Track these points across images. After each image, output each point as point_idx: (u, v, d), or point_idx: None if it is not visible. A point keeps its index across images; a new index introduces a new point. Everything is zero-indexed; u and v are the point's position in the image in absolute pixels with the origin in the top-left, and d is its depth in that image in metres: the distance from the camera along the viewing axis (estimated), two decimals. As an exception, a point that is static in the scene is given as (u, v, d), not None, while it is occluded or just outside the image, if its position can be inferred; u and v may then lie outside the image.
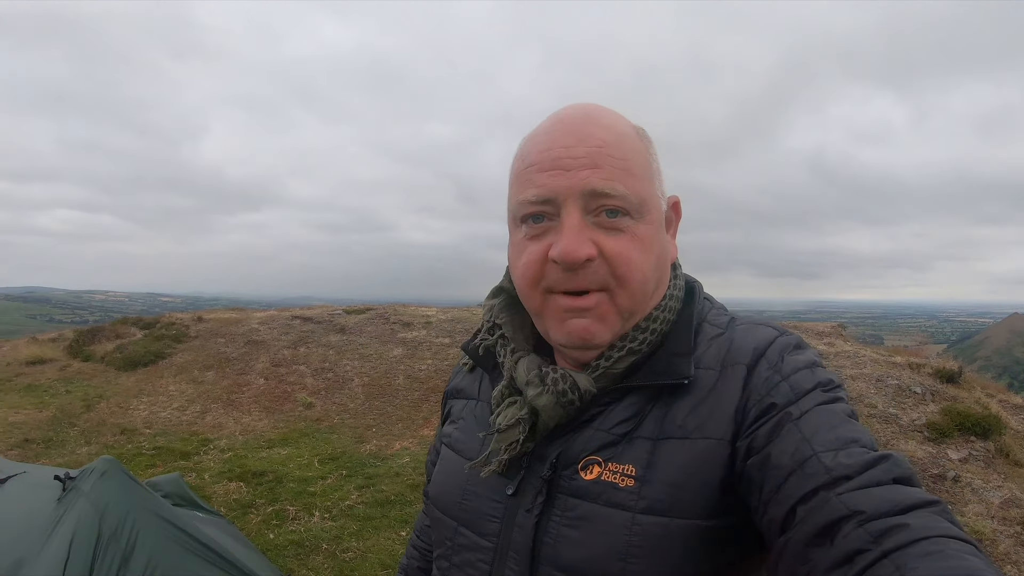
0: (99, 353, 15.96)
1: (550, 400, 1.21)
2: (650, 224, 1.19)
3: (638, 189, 1.17)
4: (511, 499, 1.23)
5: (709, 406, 1.14)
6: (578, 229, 1.14)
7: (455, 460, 1.38)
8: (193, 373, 13.83)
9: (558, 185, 1.15)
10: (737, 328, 1.25)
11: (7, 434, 10.29)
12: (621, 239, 1.16)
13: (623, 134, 1.20)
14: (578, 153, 1.15)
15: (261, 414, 11.55)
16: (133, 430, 10.65)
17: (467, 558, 1.27)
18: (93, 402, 12.24)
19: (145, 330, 17.45)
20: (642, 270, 1.18)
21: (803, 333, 11.64)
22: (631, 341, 1.21)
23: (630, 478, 1.13)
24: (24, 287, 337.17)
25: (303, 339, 15.51)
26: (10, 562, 2.93)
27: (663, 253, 1.24)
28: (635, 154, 1.19)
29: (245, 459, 8.98)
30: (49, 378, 14.35)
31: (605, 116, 1.21)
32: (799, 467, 1.00)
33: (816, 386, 1.11)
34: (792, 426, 1.05)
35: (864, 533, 0.89)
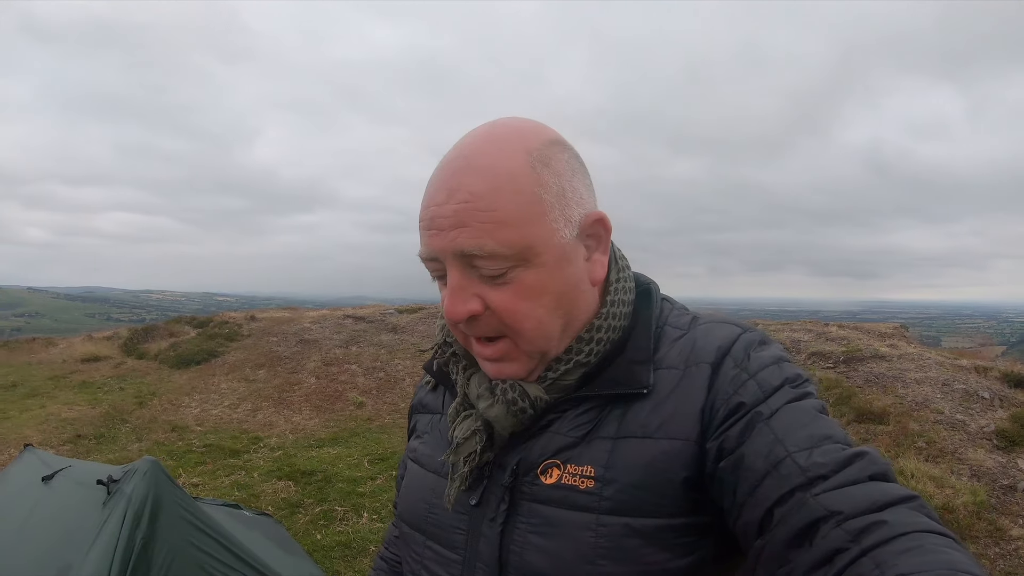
0: (153, 351, 16.16)
1: (500, 410, 1.18)
2: (540, 267, 1.12)
3: (513, 239, 1.08)
4: (475, 509, 1.21)
5: (672, 405, 1.12)
6: (458, 289, 1.12)
7: (421, 474, 1.37)
8: (245, 371, 13.91)
9: (436, 245, 1.11)
10: (699, 327, 1.22)
11: (60, 429, 10.38)
12: (505, 291, 1.11)
13: (498, 177, 1.09)
14: (447, 212, 1.10)
15: (312, 413, 11.54)
16: (184, 427, 10.69)
17: (436, 572, 1.25)
18: (145, 399, 12.33)
19: (198, 329, 17.63)
20: (533, 317, 1.13)
21: (864, 335, 11.43)
22: (577, 354, 1.19)
23: (590, 479, 1.11)
24: (83, 287, 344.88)
25: (355, 338, 15.53)
26: (58, 567, 2.90)
27: (567, 288, 1.16)
28: (510, 199, 1.09)
29: (294, 458, 8.94)
30: (103, 375, 14.55)
31: (483, 157, 1.11)
32: (773, 468, 0.98)
33: (784, 382, 1.09)
34: (763, 426, 1.03)
35: (843, 532, 0.88)
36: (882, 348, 10.15)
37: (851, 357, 9.84)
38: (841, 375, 9.26)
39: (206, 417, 11.33)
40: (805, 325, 12.30)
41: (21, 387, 13.51)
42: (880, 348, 10.14)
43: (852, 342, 10.57)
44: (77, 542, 2.96)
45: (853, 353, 9.95)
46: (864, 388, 8.69)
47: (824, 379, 9.06)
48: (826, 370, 9.56)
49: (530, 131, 1.15)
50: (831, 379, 9.05)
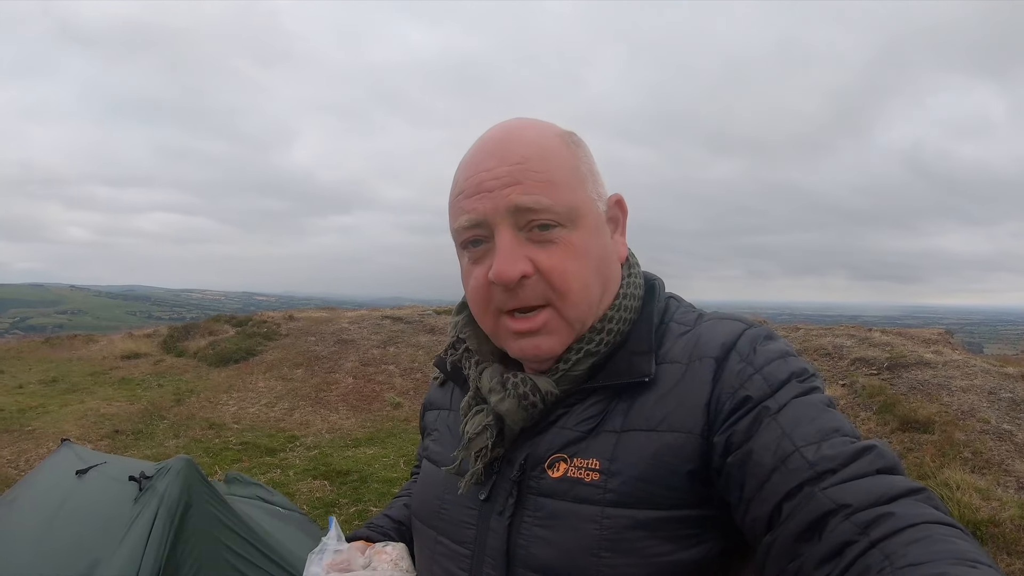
0: (192, 349, 16.35)
1: (512, 404, 1.22)
2: (584, 230, 1.20)
3: (564, 198, 1.17)
4: (484, 504, 1.24)
5: (675, 399, 1.14)
6: (510, 248, 1.16)
7: (434, 472, 1.40)
8: (283, 370, 13.99)
9: (485, 208, 1.17)
10: (704, 323, 1.25)
11: (98, 425, 10.50)
12: (555, 252, 1.17)
13: (544, 146, 1.21)
14: (499, 173, 1.17)
15: (348, 412, 11.60)
16: (221, 425, 10.77)
17: (447, 566, 1.28)
18: (184, 396, 12.46)
19: (237, 328, 17.78)
20: (580, 278, 1.19)
21: (908, 341, 11.22)
22: (588, 343, 1.22)
23: (595, 472, 1.13)
24: (125, 285, 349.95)
25: (392, 339, 15.58)
26: (87, 562, 2.90)
27: (604, 255, 1.25)
28: (559, 164, 1.20)
29: (330, 457, 8.97)
30: (143, 372, 14.74)
31: (526, 131, 1.23)
32: (781, 463, 1.00)
33: (791, 376, 1.11)
34: (771, 420, 1.05)
35: (851, 525, 0.89)
36: (927, 355, 9.97)
37: (895, 363, 9.67)
38: (885, 382, 9.10)
39: (243, 415, 11.42)
40: (848, 330, 12.12)
41: (61, 382, 13.72)
42: (925, 355, 9.95)
43: (896, 348, 10.40)
44: (108, 537, 2.97)
45: (897, 359, 9.78)
46: (908, 396, 8.53)
47: (867, 386, 8.93)
48: (869, 376, 9.41)
49: (553, 124, 1.28)
50: (874, 386, 8.90)
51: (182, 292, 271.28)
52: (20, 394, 12.76)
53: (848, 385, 9.30)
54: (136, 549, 2.81)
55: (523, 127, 1.24)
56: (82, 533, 3.12)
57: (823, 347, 10.98)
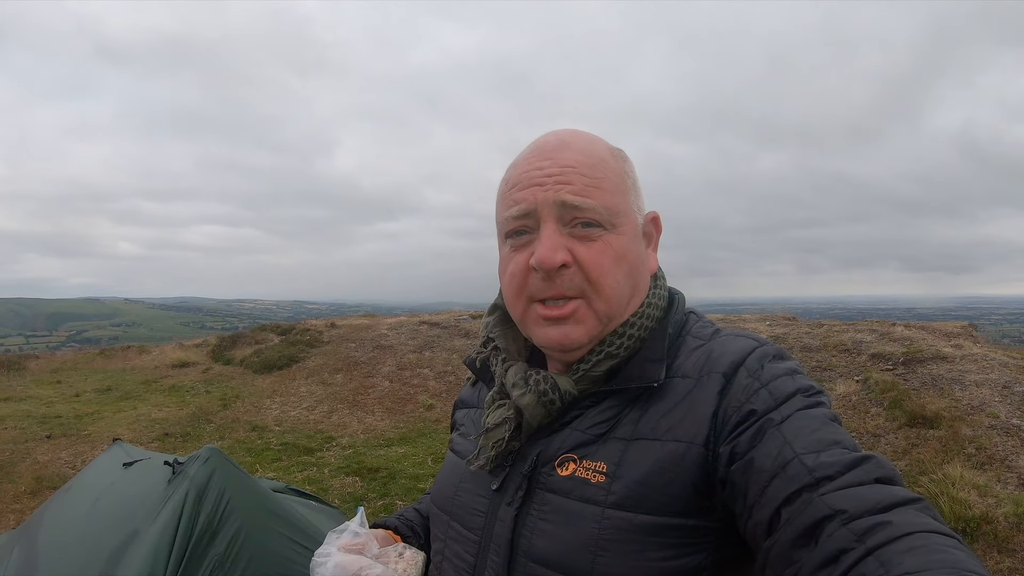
0: (238, 357, 16.77)
1: (532, 399, 1.29)
2: (623, 235, 1.29)
3: (608, 202, 1.26)
4: (495, 494, 1.32)
5: (682, 410, 1.19)
6: (554, 238, 1.25)
7: (455, 462, 1.49)
8: (323, 376, 14.37)
9: (535, 199, 1.26)
10: (717, 340, 1.30)
11: (149, 428, 10.98)
12: (594, 247, 1.26)
13: (595, 155, 1.30)
14: (552, 171, 1.26)
15: (383, 414, 11.92)
16: (264, 427, 11.16)
17: (456, 550, 1.36)
18: (230, 401, 12.90)
19: (282, 336, 18.20)
20: (614, 276, 1.27)
21: (929, 335, 11.18)
22: (609, 346, 1.29)
23: (601, 474, 1.19)
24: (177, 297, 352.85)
25: (428, 343, 15.89)
26: (126, 534, 3.28)
27: (637, 262, 1.33)
28: (607, 172, 1.29)
29: (363, 456, 9.29)
30: (192, 379, 15.22)
31: (579, 141, 1.32)
32: (781, 470, 1.03)
33: (796, 391, 1.15)
34: (774, 431, 1.08)
35: (848, 532, 0.92)
36: (945, 349, 9.88)
37: (911, 358, 9.61)
38: (898, 377, 9.06)
39: (285, 418, 11.81)
40: (870, 325, 12.02)
41: (115, 390, 14.28)
42: (943, 349, 9.87)
43: (915, 343, 10.34)
44: (144, 512, 3.35)
45: (914, 354, 9.72)
46: (920, 391, 8.48)
47: (881, 381, 8.90)
48: (884, 372, 9.37)
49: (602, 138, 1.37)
50: (887, 381, 8.87)
51: (234, 302, 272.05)
52: (77, 402, 13.33)
53: (862, 381, 9.28)
54: (169, 522, 3.18)
55: (576, 136, 1.33)
56: (123, 511, 3.51)
57: (842, 343, 10.97)
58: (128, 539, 3.22)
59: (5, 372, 16.23)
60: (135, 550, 3.14)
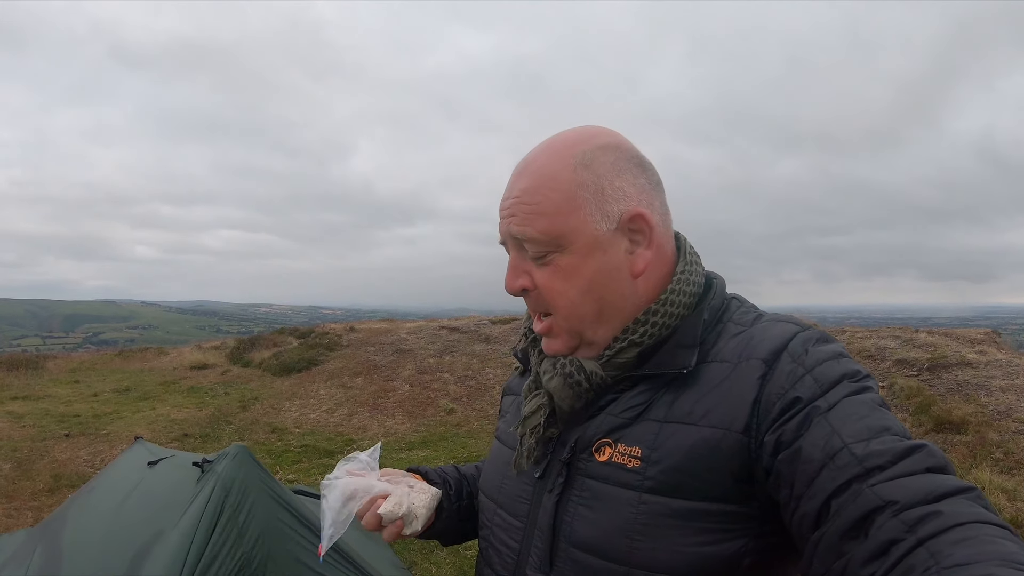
0: (257, 359, 16.81)
1: (559, 381, 1.32)
2: (574, 253, 1.27)
3: (551, 226, 1.25)
4: (539, 482, 1.33)
5: (718, 395, 1.17)
6: (513, 265, 1.32)
7: (500, 449, 1.52)
8: (343, 379, 14.38)
9: (501, 230, 1.33)
10: (759, 325, 1.28)
11: (168, 429, 11.00)
12: (546, 271, 1.29)
13: (544, 176, 1.28)
14: (506, 205, 1.31)
15: (404, 418, 11.90)
16: (284, 429, 11.16)
17: (501, 537, 1.39)
18: (249, 403, 12.94)
19: (300, 339, 18.25)
20: (565, 297, 1.28)
21: (953, 341, 11.05)
22: (632, 334, 1.29)
23: (636, 459, 1.19)
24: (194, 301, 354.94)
25: (449, 348, 15.88)
26: (152, 533, 3.25)
27: (601, 273, 1.29)
28: (549, 195, 1.26)
29: (385, 459, 9.01)
30: (210, 381, 15.27)
31: (538, 161, 1.31)
32: (830, 460, 1.00)
33: (842, 377, 1.12)
34: (821, 419, 1.06)
35: (898, 523, 0.89)
36: (970, 355, 9.86)
37: (936, 364, 9.60)
38: (924, 383, 9.03)
39: (304, 420, 11.81)
40: (893, 332, 11.97)
41: (134, 391, 14.34)
42: (968, 355, 9.85)
43: (939, 349, 10.29)
44: (170, 512, 3.32)
45: (938, 360, 9.69)
46: (946, 397, 8.46)
47: (906, 387, 8.87)
48: (909, 378, 9.34)
49: (585, 137, 1.31)
50: (913, 387, 8.84)
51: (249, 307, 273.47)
52: (95, 401, 13.39)
53: (887, 387, 9.26)
54: (194, 521, 3.14)
55: (538, 155, 1.32)
56: (149, 510, 3.49)
57: (866, 349, 10.93)
58: (153, 539, 3.21)
59: (24, 371, 16.31)
60: (159, 550, 3.12)
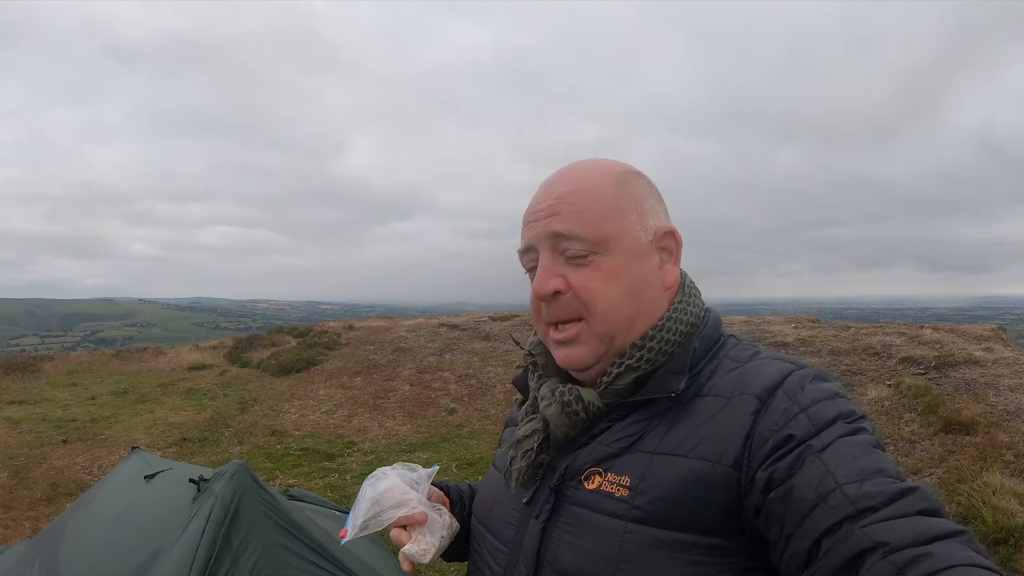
0: (255, 360, 16.68)
1: (556, 409, 1.34)
2: (617, 256, 1.32)
3: (595, 229, 1.31)
4: (526, 507, 1.36)
5: (710, 428, 1.20)
6: (547, 267, 1.34)
7: (493, 475, 1.56)
8: (342, 379, 14.26)
9: (532, 235, 1.37)
10: (754, 362, 1.31)
11: (167, 433, 10.90)
12: (585, 272, 1.32)
13: (587, 183, 1.36)
14: (543, 207, 1.36)
15: (405, 419, 11.80)
16: (283, 432, 11.07)
17: (487, 560, 1.42)
18: (247, 405, 12.82)
19: (299, 338, 18.11)
20: (607, 297, 1.31)
21: (959, 338, 10.92)
22: (629, 359, 1.32)
23: (625, 488, 1.21)
24: (191, 298, 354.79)
25: (449, 346, 15.77)
26: (149, 552, 3.19)
27: (640, 281, 1.35)
28: (595, 200, 1.34)
29: (386, 462, 9.01)
30: (208, 382, 15.14)
31: (577, 171, 1.40)
32: (823, 500, 1.02)
33: (837, 417, 1.14)
34: (815, 459, 1.07)
35: (888, 564, 0.91)
36: (976, 352, 9.71)
37: (943, 362, 9.45)
38: (931, 382, 8.89)
39: (304, 422, 11.70)
40: (898, 328, 11.84)
41: (131, 393, 14.23)
42: (974, 352, 9.70)
43: (945, 346, 10.17)
44: (168, 530, 3.25)
45: (945, 358, 9.55)
46: (954, 396, 8.32)
47: (913, 386, 8.72)
48: (916, 376, 9.20)
49: (615, 163, 1.43)
50: (920, 386, 8.69)
51: (247, 303, 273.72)
52: (93, 405, 13.27)
53: (894, 385, 9.12)
54: (192, 541, 3.06)
55: (577, 167, 1.42)
56: (146, 528, 3.42)
57: (871, 346, 10.80)
58: (151, 558, 3.14)
59: (20, 374, 16.18)
60: (158, 569, 3.06)
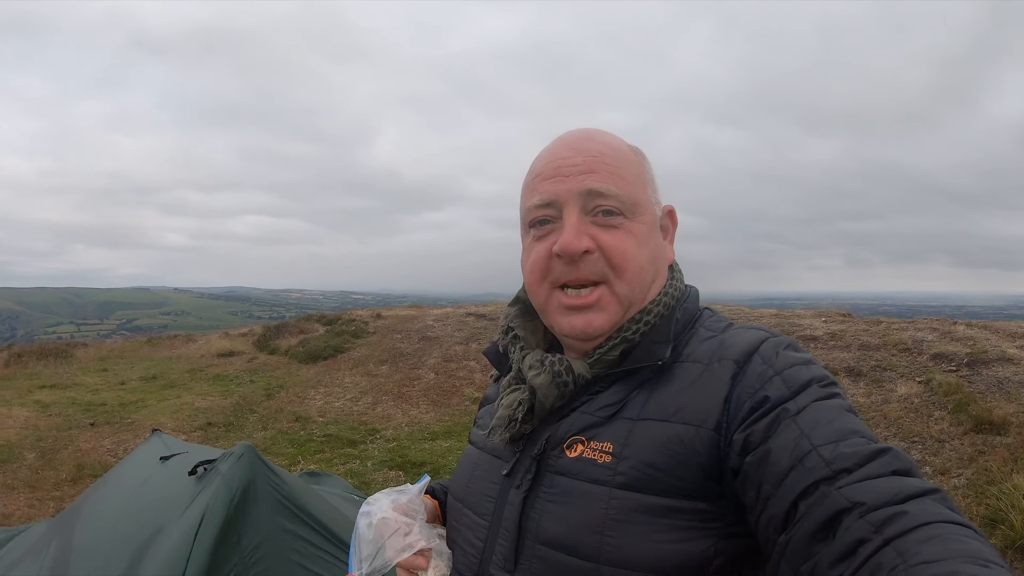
0: (283, 347, 16.80)
1: (546, 379, 1.32)
2: (644, 224, 1.34)
3: (630, 192, 1.32)
4: (506, 479, 1.34)
5: (691, 394, 1.20)
6: (577, 225, 1.30)
7: (470, 452, 1.53)
8: (368, 367, 14.33)
9: (559, 189, 1.32)
10: (730, 331, 1.32)
11: (193, 418, 11.00)
12: (616, 234, 1.30)
13: (617, 148, 1.37)
14: (576, 162, 1.32)
15: (429, 407, 11.82)
16: (307, 418, 11.13)
17: (466, 536, 1.38)
18: (274, 391, 12.93)
19: (327, 326, 18.23)
20: (637, 261, 1.31)
21: (992, 335, 10.69)
22: (626, 331, 1.32)
23: (608, 455, 1.20)
24: (226, 287, 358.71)
25: (475, 335, 15.78)
26: (152, 530, 3.21)
27: (657, 251, 1.38)
28: (628, 164, 1.36)
29: (408, 449, 9.20)
30: (236, 369, 15.29)
31: (602, 135, 1.39)
32: (799, 462, 1.03)
33: (811, 381, 1.15)
34: (790, 422, 1.08)
35: (865, 523, 0.92)
36: (1010, 350, 9.49)
37: (975, 360, 9.26)
38: (963, 379, 8.70)
39: (328, 409, 11.77)
40: (931, 323, 11.69)
41: (160, 379, 14.39)
42: (1008, 350, 9.48)
43: (978, 343, 9.98)
44: (172, 509, 3.26)
45: (978, 355, 9.36)
46: (986, 394, 8.15)
47: (943, 383, 8.53)
48: (947, 373, 9.01)
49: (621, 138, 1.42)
50: (951, 383, 8.51)
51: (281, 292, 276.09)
52: (122, 390, 13.45)
53: (924, 382, 8.93)
54: (194, 519, 3.06)
55: (599, 132, 1.40)
56: (152, 507, 3.44)
57: (903, 341, 10.64)
58: (153, 536, 3.15)
59: (53, 360, 16.39)
60: (158, 547, 3.07)
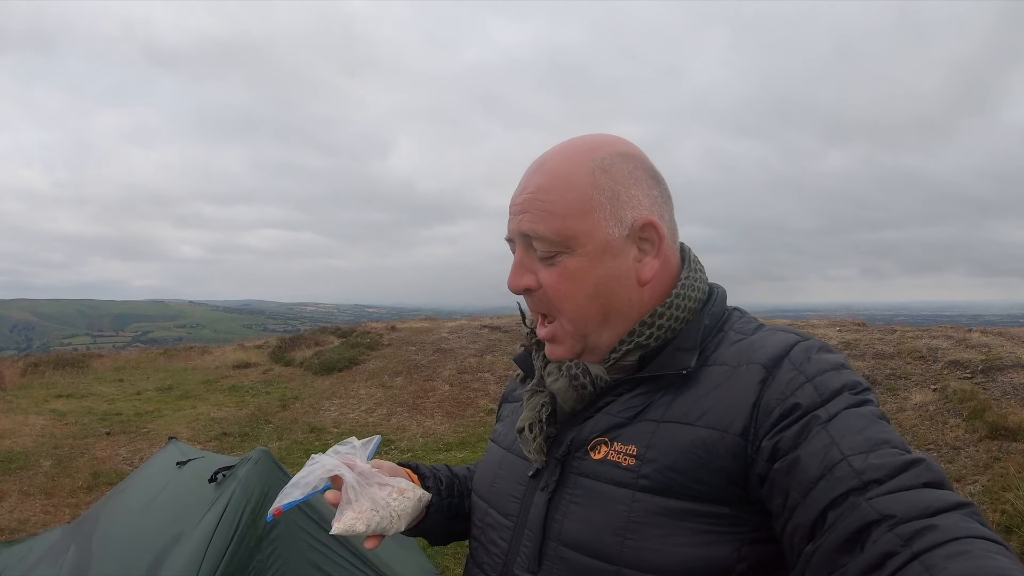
0: (299, 358, 16.86)
1: (564, 383, 1.33)
2: (583, 256, 1.27)
3: (561, 227, 1.26)
4: (531, 480, 1.35)
5: (716, 397, 1.18)
6: (518, 265, 1.32)
7: (494, 451, 1.54)
8: (383, 378, 14.35)
9: (510, 227, 1.33)
10: (760, 333, 1.30)
11: (208, 428, 11.07)
12: (553, 272, 1.28)
13: (559, 176, 1.29)
14: (518, 201, 1.31)
15: (443, 418, 11.82)
16: (322, 428, 11.16)
17: (491, 536, 1.40)
18: (289, 402, 12.96)
19: (342, 338, 18.29)
20: (572, 299, 1.28)
21: (1008, 341, 10.65)
22: (638, 336, 1.30)
23: (631, 457, 1.20)
24: (241, 300, 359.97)
25: (490, 347, 15.81)
26: (171, 536, 3.24)
27: (608, 278, 1.29)
28: (566, 195, 1.27)
29: (422, 460, 8.99)
30: (252, 380, 15.34)
31: (553, 160, 1.32)
32: (828, 471, 1.01)
33: (843, 387, 1.13)
34: (821, 429, 1.06)
35: (894, 536, 0.90)
36: None
37: (990, 366, 9.24)
38: (978, 386, 8.69)
39: (343, 420, 11.79)
40: (945, 331, 11.66)
41: (176, 390, 14.46)
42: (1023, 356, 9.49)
43: (993, 350, 9.96)
44: (191, 515, 3.28)
45: (993, 362, 9.35)
46: (1001, 401, 8.11)
47: (959, 390, 8.54)
48: (962, 380, 9.01)
49: (604, 143, 1.34)
50: (966, 390, 8.51)
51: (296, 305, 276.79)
52: (138, 400, 13.52)
53: (939, 389, 8.93)
54: (211, 526, 3.09)
55: (554, 156, 1.33)
56: (172, 513, 3.47)
57: (917, 349, 10.62)
58: (173, 541, 3.18)
59: (70, 370, 16.52)
60: (178, 552, 3.09)
